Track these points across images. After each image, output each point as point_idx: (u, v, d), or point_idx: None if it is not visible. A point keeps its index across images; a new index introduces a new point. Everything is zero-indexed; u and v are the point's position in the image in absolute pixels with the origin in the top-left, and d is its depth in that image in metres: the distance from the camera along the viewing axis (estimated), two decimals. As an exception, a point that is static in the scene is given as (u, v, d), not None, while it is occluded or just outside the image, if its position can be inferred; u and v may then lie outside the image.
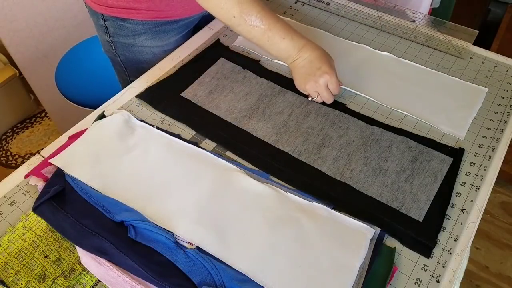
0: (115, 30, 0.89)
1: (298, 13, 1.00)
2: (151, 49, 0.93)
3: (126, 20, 0.87)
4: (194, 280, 0.55)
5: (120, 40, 0.91)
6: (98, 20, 0.90)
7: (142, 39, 0.90)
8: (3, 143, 1.85)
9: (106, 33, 0.91)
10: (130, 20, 0.87)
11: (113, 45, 0.93)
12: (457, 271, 0.59)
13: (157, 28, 0.89)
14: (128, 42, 0.91)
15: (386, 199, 0.66)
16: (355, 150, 0.72)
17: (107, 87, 1.26)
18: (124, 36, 0.90)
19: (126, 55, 0.94)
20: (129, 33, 0.89)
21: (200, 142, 0.73)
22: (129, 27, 0.88)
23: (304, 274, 0.57)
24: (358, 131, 0.75)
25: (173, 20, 0.90)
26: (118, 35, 0.90)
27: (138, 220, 0.60)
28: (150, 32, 0.90)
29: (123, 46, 0.92)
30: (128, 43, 0.91)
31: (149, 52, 0.93)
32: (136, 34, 0.89)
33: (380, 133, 0.75)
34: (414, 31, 0.96)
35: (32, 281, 0.56)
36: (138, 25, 0.88)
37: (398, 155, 0.72)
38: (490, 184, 0.69)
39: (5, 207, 0.64)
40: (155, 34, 0.90)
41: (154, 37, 0.91)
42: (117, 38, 0.91)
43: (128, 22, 0.87)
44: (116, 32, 0.90)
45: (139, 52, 0.93)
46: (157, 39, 0.91)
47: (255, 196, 0.65)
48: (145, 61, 0.94)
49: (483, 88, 0.83)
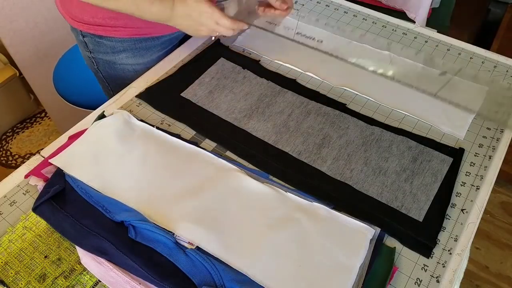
0: (94, 46, 0.87)
1: (298, 13, 1.00)
2: (132, 67, 0.90)
3: (104, 37, 0.84)
4: (194, 280, 0.55)
5: (100, 57, 0.88)
6: (77, 35, 0.87)
7: (122, 57, 0.87)
8: (3, 143, 1.85)
9: (86, 49, 0.88)
10: (108, 38, 0.84)
11: (94, 61, 0.90)
12: (457, 271, 0.59)
13: (137, 45, 0.86)
14: (108, 59, 0.88)
15: (386, 199, 0.66)
16: (355, 150, 0.72)
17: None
18: (104, 53, 0.87)
19: (108, 71, 0.91)
20: (108, 50, 0.86)
21: (200, 142, 0.73)
22: (107, 44, 0.85)
23: (304, 274, 0.57)
24: (358, 131, 0.75)
25: (154, 36, 0.87)
26: (97, 51, 0.87)
27: (138, 220, 0.60)
28: (130, 50, 0.87)
29: (104, 63, 0.89)
30: (108, 60, 0.88)
31: (131, 69, 0.90)
32: (116, 51, 0.87)
33: (380, 133, 0.75)
34: (414, 31, 0.96)
35: (32, 281, 0.56)
36: (116, 42, 0.85)
37: (398, 155, 0.72)
38: (490, 184, 0.69)
39: (5, 207, 0.64)
40: (136, 51, 0.87)
41: (135, 54, 0.88)
42: (97, 54, 0.88)
43: (106, 39, 0.85)
44: (95, 49, 0.87)
45: (121, 70, 0.90)
46: (138, 57, 0.88)
47: (255, 196, 0.65)
48: (127, 78, 0.90)
49: (483, 87, 0.83)
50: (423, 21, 1.23)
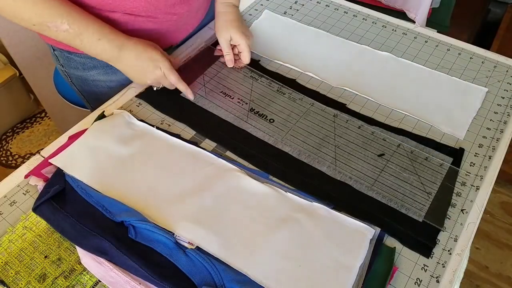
0: (65, 61, 0.83)
1: (298, 13, 1.00)
2: (106, 83, 0.85)
3: (73, 53, 0.80)
4: (194, 280, 0.55)
5: (72, 72, 0.85)
6: (50, 49, 0.84)
7: (93, 73, 0.83)
8: (3, 143, 1.85)
9: (58, 62, 0.85)
10: (76, 54, 0.80)
11: (67, 75, 0.86)
12: (457, 271, 0.59)
13: (107, 63, 0.76)
14: (80, 74, 0.84)
15: (386, 199, 0.66)
16: (355, 150, 0.72)
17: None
18: (75, 68, 0.83)
19: (82, 86, 0.87)
20: (78, 66, 0.82)
21: (200, 142, 0.73)
22: (77, 60, 0.81)
23: (304, 274, 0.57)
24: (358, 131, 0.75)
25: None
26: (69, 66, 0.84)
27: (138, 220, 0.60)
28: (101, 67, 0.82)
29: (77, 78, 0.86)
30: (81, 76, 0.85)
31: (105, 86, 0.86)
32: (86, 68, 0.82)
33: (380, 133, 0.75)
34: (414, 31, 0.96)
35: (32, 281, 0.56)
36: (85, 58, 0.81)
37: (398, 155, 0.72)
38: (490, 184, 0.69)
39: (5, 207, 0.64)
40: (107, 68, 0.82)
41: (107, 72, 0.83)
42: (69, 69, 0.84)
43: (75, 55, 0.80)
44: (66, 64, 0.83)
45: (95, 86, 0.86)
46: (111, 74, 0.83)
47: (255, 196, 0.65)
48: (102, 94, 0.86)
49: (483, 88, 0.83)
50: (423, 21, 1.24)
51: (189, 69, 0.86)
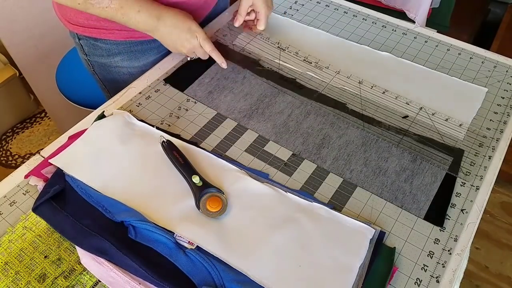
0: (90, 49, 0.87)
1: (298, 13, 1.00)
2: (128, 70, 0.89)
3: (99, 40, 0.84)
4: (194, 280, 0.55)
5: (96, 60, 0.88)
6: (74, 38, 0.87)
7: (117, 60, 0.87)
8: (3, 143, 1.85)
9: (82, 51, 0.89)
10: (103, 40, 0.84)
11: (90, 64, 0.90)
12: (457, 271, 0.59)
13: (132, 48, 0.86)
14: (104, 62, 0.88)
15: (386, 199, 0.66)
16: (355, 150, 0.72)
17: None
18: (99, 55, 0.87)
19: (104, 74, 0.91)
20: (103, 53, 0.86)
21: (200, 142, 0.73)
22: (103, 47, 0.85)
23: (304, 274, 0.57)
24: (358, 131, 0.75)
25: (149, 39, 0.85)
26: (93, 54, 0.87)
27: (138, 220, 0.60)
28: (126, 53, 0.87)
29: (100, 66, 0.89)
30: (104, 63, 0.88)
31: (126, 72, 0.90)
32: (111, 54, 0.86)
33: (380, 133, 0.75)
34: (414, 31, 0.96)
35: (32, 281, 0.56)
36: (112, 45, 0.85)
37: (397, 155, 0.72)
38: (490, 184, 0.69)
39: (5, 207, 0.64)
40: (131, 54, 0.87)
41: (130, 57, 0.87)
42: (93, 57, 0.88)
43: (101, 42, 0.84)
44: (91, 52, 0.87)
45: (116, 73, 0.90)
46: (134, 60, 0.88)
47: (255, 196, 0.65)
48: (123, 81, 0.90)
49: (483, 88, 0.83)
50: (423, 21, 1.24)
51: (189, 69, 0.85)
